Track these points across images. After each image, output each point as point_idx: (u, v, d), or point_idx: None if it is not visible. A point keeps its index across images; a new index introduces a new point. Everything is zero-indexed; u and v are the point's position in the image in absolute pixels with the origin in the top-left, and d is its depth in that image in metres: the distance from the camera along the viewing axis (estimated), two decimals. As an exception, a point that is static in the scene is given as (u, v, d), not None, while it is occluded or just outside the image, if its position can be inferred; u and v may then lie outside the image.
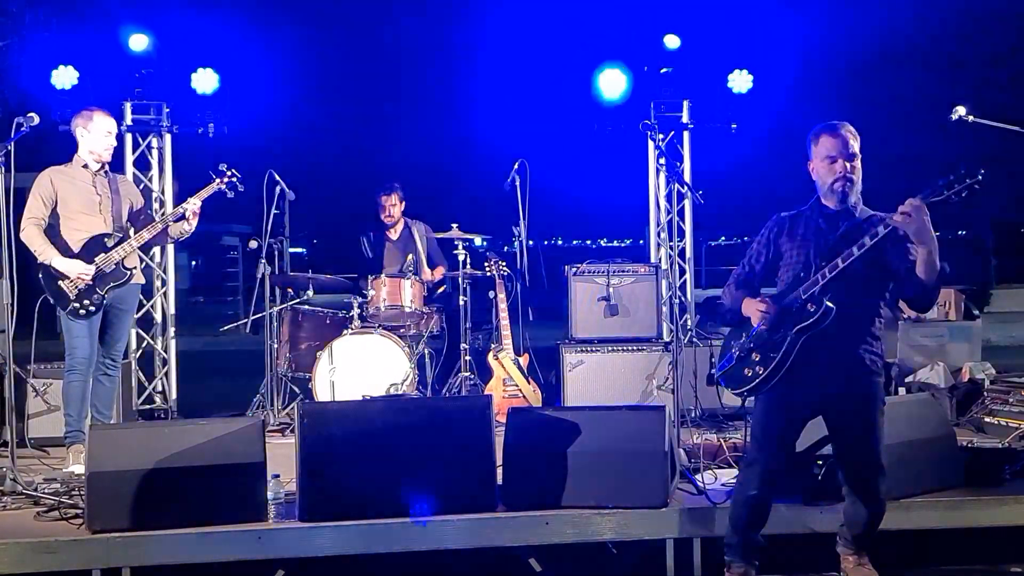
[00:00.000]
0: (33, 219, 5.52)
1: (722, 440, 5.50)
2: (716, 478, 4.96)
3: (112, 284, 5.61)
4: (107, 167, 5.78)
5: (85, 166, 5.67)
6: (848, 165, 4.01)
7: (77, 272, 5.49)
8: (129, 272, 5.68)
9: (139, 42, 7.36)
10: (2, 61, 10.71)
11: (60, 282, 5.51)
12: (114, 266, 5.61)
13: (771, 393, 4.07)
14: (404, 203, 7.71)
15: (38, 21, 10.61)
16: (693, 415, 6.66)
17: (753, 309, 4.16)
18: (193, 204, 5.75)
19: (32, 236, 5.49)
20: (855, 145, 4.03)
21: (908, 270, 3.87)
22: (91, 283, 5.53)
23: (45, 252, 5.49)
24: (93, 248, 5.58)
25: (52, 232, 5.55)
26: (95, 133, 5.65)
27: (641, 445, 4.53)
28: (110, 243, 5.62)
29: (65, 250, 5.53)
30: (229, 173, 5.92)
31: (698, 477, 4.92)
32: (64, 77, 7.31)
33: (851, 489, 4.15)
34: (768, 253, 4.25)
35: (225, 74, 7.57)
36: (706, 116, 7.89)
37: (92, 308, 5.55)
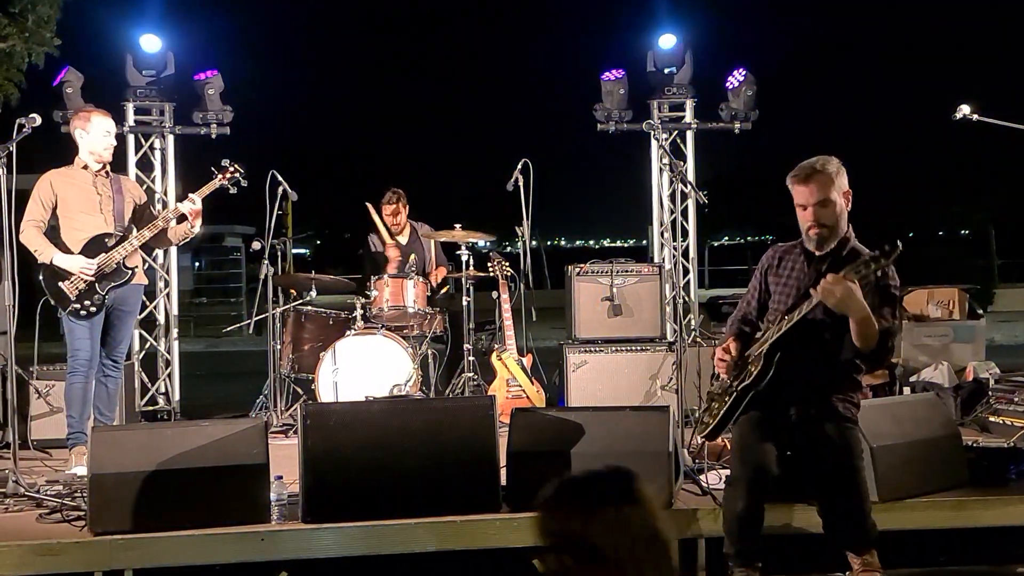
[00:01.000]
0: (32, 221, 5.51)
1: (726, 440, 5.47)
2: (720, 478, 4.93)
3: (113, 284, 5.59)
4: (108, 167, 5.76)
5: (85, 167, 5.65)
6: (817, 213, 3.92)
7: (79, 267, 5.47)
8: (130, 272, 5.65)
9: (150, 43, 7.35)
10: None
11: (61, 282, 5.49)
12: (115, 266, 5.58)
13: (748, 414, 4.04)
14: (408, 207, 7.70)
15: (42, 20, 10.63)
16: (697, 415, 6.63)
17: (717, 355, 4.14)
18: (192, 202, 5.68)
19: (31, 237, 5.48)
20: (828, 189, 3.92)
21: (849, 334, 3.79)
22: (92, 283, 5.51)
23: (45, 251, 5.48)
24: (94, 248, 5.55)
25: (53, 234, 5.55)
26: (93, 133, 5.63)
27: (645, 446, 4.52)
28: (111, 242, 5.59)
29: (66, 251, 5.52)
30: (232, 169, 5.85)
31: (702, 477, 4.91)
32: (69, 77, 7.28)
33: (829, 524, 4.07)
34: (760, 289, 4.24)
35: (228, 75, 7.55)
36: (711, 116, 7.88)
37: (93, 309, 5.53)
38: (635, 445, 4.54)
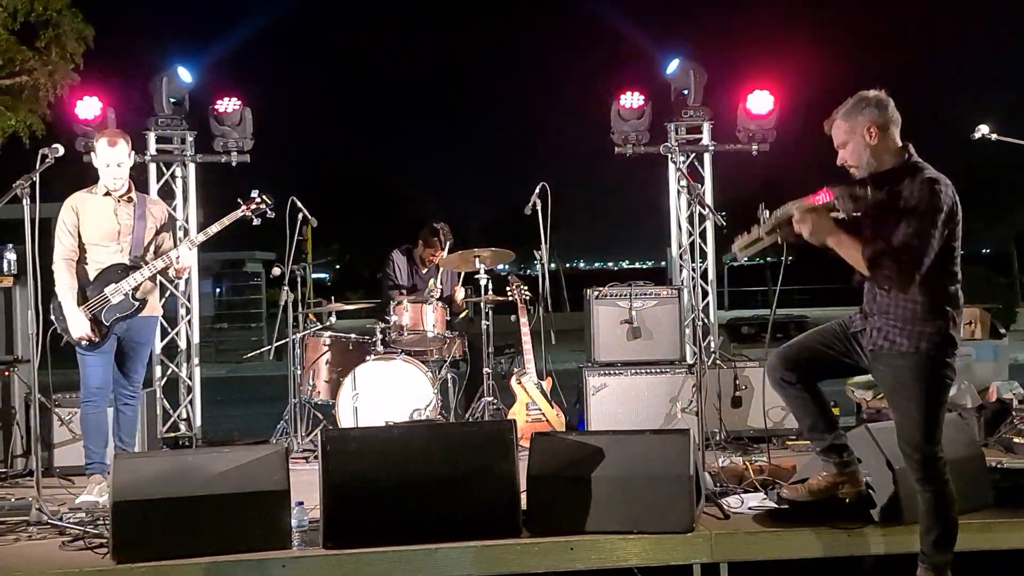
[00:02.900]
0: (64, 256, 5.49)
1: (748, 463, 5.45)
2: (743, 502, 4.91)
3: (119, 315, 5.52)
4: (132, 190, 5.70)
5: (108, 192, 5.60)
6: (841, 156, 4.13)
7: (76, 332, 5.44)
8: (138, 304, 5.57)
9: (184, 74, 7.45)
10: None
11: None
12: (122, 296, 5.52)
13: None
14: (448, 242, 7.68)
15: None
16: (718, 438, 6.62)
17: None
18: (179, 257, 5.63)
19: (60, 273, 5.48)
20: (841, 133, 4.10)
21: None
22: (97, 314, 5.47)
23: (63, 294, 5.47)
24: (106, 278, 5.52)
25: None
26: (99, 160, 5.60)
27: (666, 469, 4.50)
28: (122, 273, 5.55)
29: (83, 278, 5.51)
30: (259, 200, 5.82)
31: (724, 501, 4.88)
32: (89, 108, 7.36)
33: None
34: None
35: (249, 103, 7.62)
36: (728, 138, 7.88)
37: (98, 340, 5.49)
38: (656, 469, 4.52)
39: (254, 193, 5.83)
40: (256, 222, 5.88)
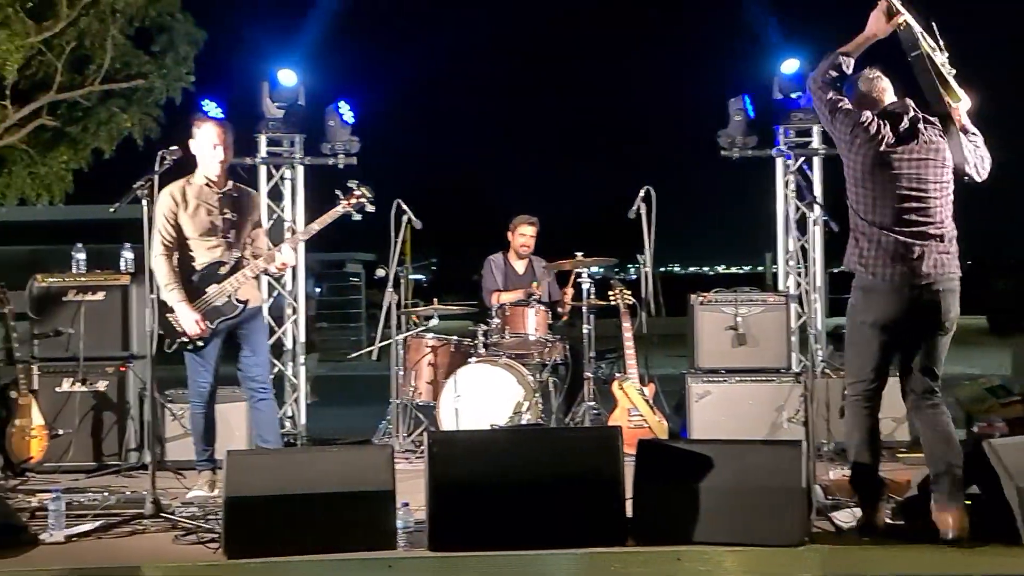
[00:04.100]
0: (163, 250, 5.40)
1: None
2: (854, 517, 4.76)
3: (223, 318, 5.45)
4: (231, 181, 5.62)
5: (208, 183, 5.51)
6: None
7: (188, 326, 5.36)
8: (241, 305, 5.49)
9: (288, 77, 7.57)
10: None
11: (169, 314, 5.40)
12: (225, 299, 5.47)
13: None
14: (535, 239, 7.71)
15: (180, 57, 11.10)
16: (826, 449, 6.45)
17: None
18: (283, 256, 5.57)
19: (161, 269, 5.38)
20: None
21: None
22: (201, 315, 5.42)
23: (170, 293, 5.38)
24: (208, 278, 5.46)
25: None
26: (199, 141, 5.50)
27: (777, 481, 4.39)
28: (224, 272, 5.48)
29: (183, 276, 5.44)
30: (358, 193, 5.67)
31: (835, 515, 4.75)
32: (203, 110, 7.54)
33: None
34: None
35: (357, 106, 7.72)
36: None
37: (200, 343, 5.43)
38: (766, 480, 4.41)
39: (352, 184, 5.70)
40: (357, 218, 5.74)
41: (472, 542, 4.37)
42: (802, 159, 7.73)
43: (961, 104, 4.54)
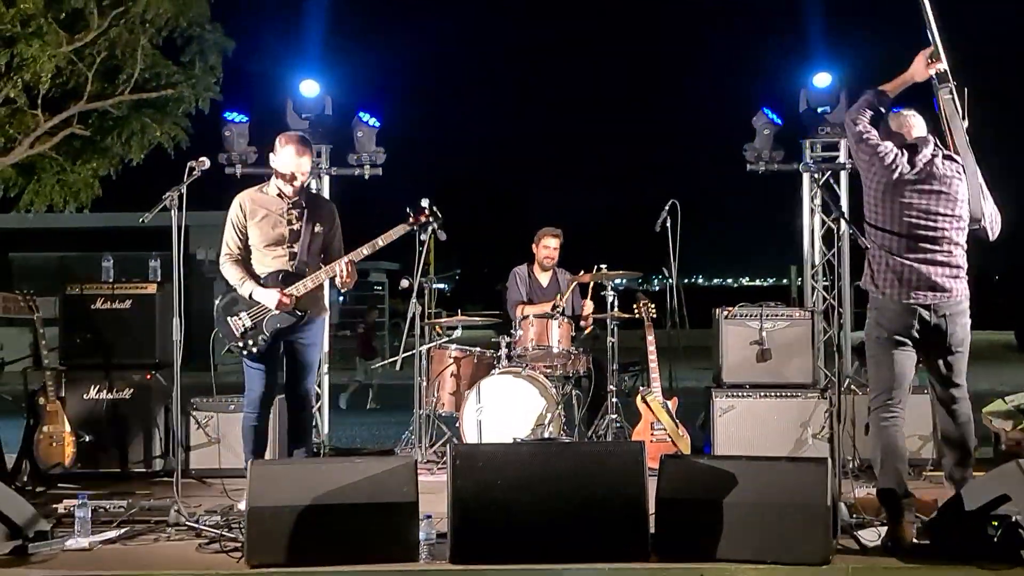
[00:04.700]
0: (228, 255, 5.45)
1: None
2: (880, 535, 4.71)
3: (280, 326, 5.43)
4: (305, 193, 5.59)
5: (280, 194, 5.49)
6: None
7: (276, 300, 5.32)
8: (301, 315, 5.45)
9: (310, 88, 7.61)
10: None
11: (229, 318, 5.43)
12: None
13: None
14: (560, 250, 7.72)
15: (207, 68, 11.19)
16: (851, 466, 6.39)
17: None
18: (343, 268, 5.48)
19: (229, 271, 5.41)
20: None
21: None
22: (259, 323, 5.41)
23: (245, 285, 5.37)
24: (270, 285, 5.43)
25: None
26: (280, 155, 5.46)
27: (802, 498, 4.36)
28: (285, 280, 5.44)
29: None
30: (427, 212, 5.60)
31: (861, 533, 4.71)
32: (233, 120, 7.59)
33: None
34: None
35: (382, 116, 7.75)
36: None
37: (255, 349, 5.42)
38: (790, 497, 4.38)
39: (424, 203, 5.63)
40: (423, 237, 5.81)
41: (494, 556, 4.37)
42: (828, 173, 7.69)
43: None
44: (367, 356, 13.92)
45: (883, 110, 4.92)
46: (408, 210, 5.64)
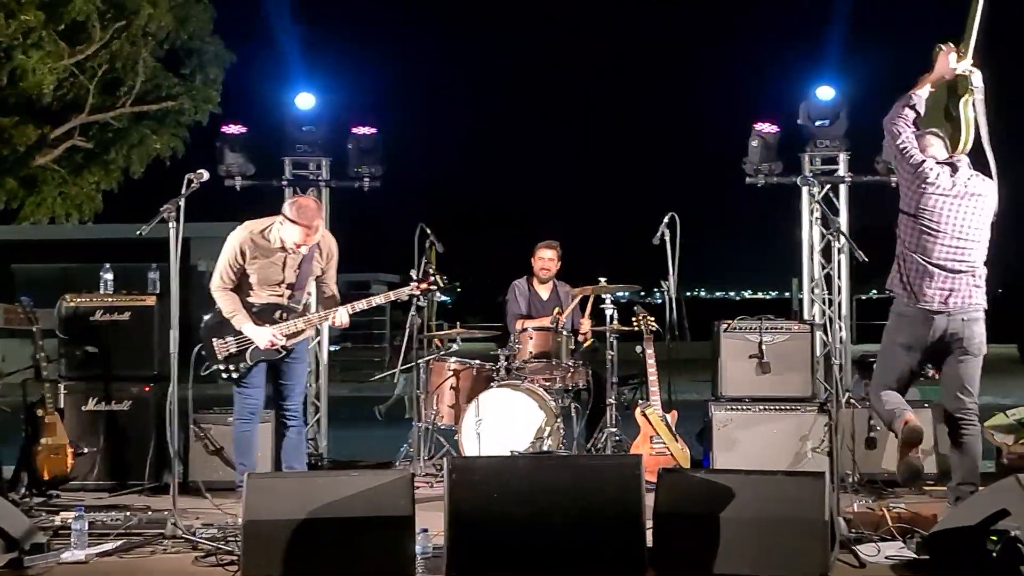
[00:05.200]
0: (222, 285, 5.54)
1: (885, 509, 5.22)
2: (879, 551, 4.70)
3: (263, 359, 5.58)
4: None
5: (283, 248, 5.56)
6: None
7: (267, 338, 5.47)
8: (284, 352, 5.61)
9: (306, 101, 7.61)
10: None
11: (214, 340, 5.53)
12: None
13: None
14: (561, 263, 7.71)
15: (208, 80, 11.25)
16: (851, 480, 6.37)
17: None
18: (341, 321, 5.64)
19: (224, 300, 5.54)
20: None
21: None
22: (242, 351, 5.52)
23: (236, 317, 5.50)
24: (263, 316, 5.56)
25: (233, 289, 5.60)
26: (286, 230, 5.51)
27: (800, 512, 4.34)
28: (279, 317, 5.58)
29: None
30: (432, 281, 5.75)
31: (859, 548, 4.68)
32: (233, 132, 7.60)
33: None
34: None
35: (382, 129, 7.76)
36: (866, 168, 7.60)
37: (235, 375, 5.55)
38: (788, 512, 4.37)
39: (431, 271, 5.86)
40: (422, 303, 6.04)
41: (491, 569, 4.35)
42: (828, 187, 7.68)
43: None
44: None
45: (920, 110, 5.30)
46: (412, 274, 5.93)
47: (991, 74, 5.25)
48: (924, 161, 5.19)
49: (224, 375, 5.56)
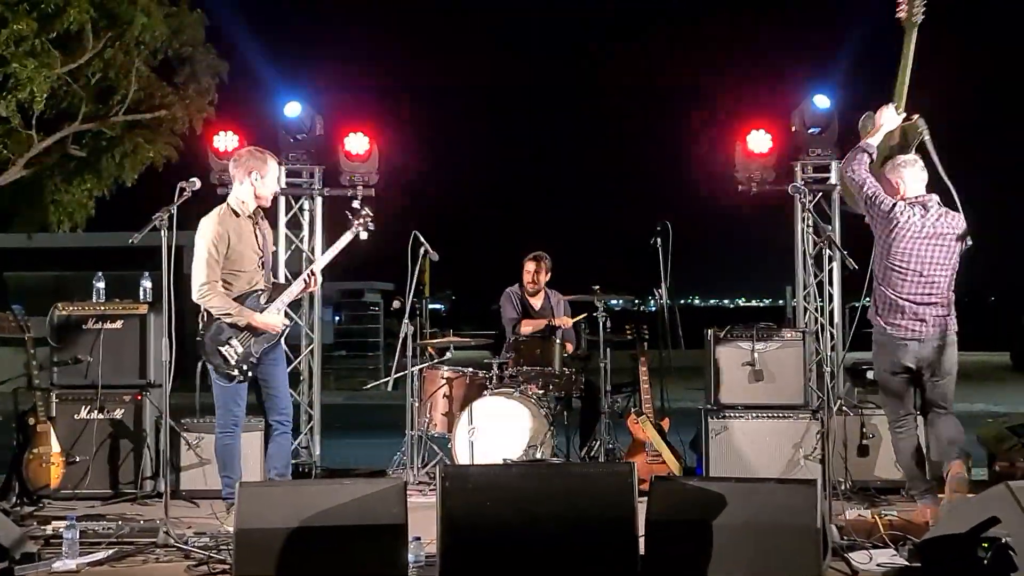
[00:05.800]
0: (212, 284, 5.41)
1: (877, 516, 5.23)
2: (871, 558, 4.71)
3: (266, 345, 5.55)
4: (261, 211, 5.72)
5: (250, 215, 5.57)
6: None
7: (278, 323, 5.50)
8: (287, 328, 5.63)
9: (292, 109, 7.61)
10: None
11: (221, 347, 5.44)
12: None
13: None
14: (550, 274, 7.71)
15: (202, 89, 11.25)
16: (843, 487, 6.38)
17: None
18: (325, 259, 5.82)
19: (218, 301, 5.41)
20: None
21: None
22: (248, 346, 5.47)
23: (240, 315, 5.43)
24: (249, 305, 5.51)
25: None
26: (269, 178, 5.59)
27: (792, 520, 4.35)
28: (263, 300, 5.55)
29: None
30: (363, 212, 5.86)
31: (852, 555, 4.69)
32: (226, 142, 7.60)
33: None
34: None
35: (375, 138, 7.75)
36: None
37: (249, 372, 5.49)
38: (780, 519, 4.37)
39: (356, 203, 5.92)
40: (364, 236, 5.91)
41: (483, 578, 4.35)
42: (820, 195, 7.69)
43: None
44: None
45: (873, 156, 5.69)
46: (348, 212, 5.92)
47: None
48: (894, 206, 5.51)
49: (241, 378, 5.50)
